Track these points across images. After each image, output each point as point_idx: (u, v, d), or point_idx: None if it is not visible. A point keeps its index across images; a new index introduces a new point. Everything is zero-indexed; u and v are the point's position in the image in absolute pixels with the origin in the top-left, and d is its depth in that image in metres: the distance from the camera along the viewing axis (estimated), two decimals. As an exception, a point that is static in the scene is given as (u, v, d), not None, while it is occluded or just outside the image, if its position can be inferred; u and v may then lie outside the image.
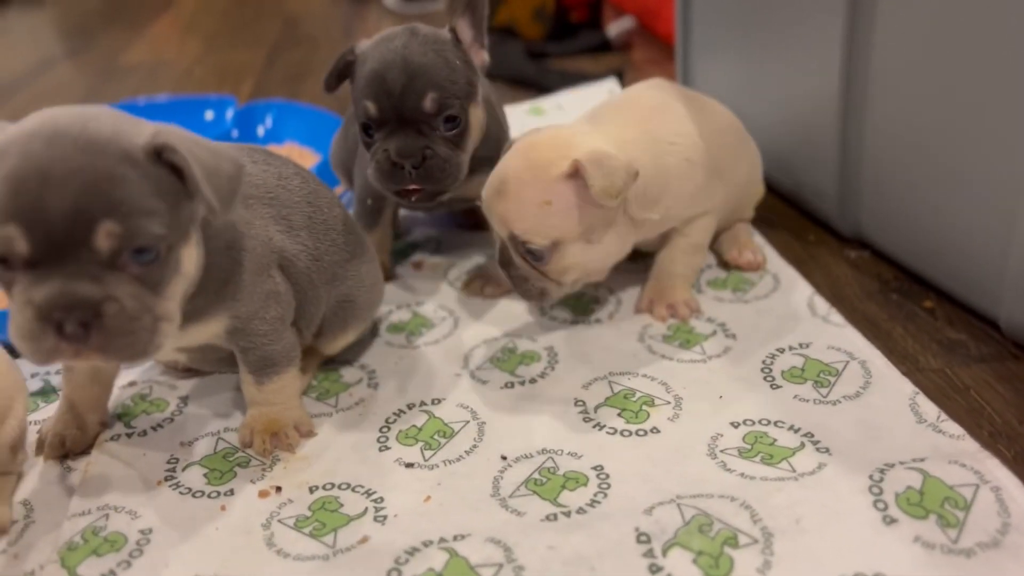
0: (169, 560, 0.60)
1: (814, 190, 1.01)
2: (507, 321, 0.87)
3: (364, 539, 0.61)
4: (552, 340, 0.83)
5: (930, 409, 0.69)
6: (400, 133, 0.80)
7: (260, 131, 1.30)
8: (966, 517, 0.59)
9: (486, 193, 0.77)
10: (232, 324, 0.66)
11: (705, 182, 0.83)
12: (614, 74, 1.53)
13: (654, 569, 0.57)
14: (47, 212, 0.51)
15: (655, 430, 0.70)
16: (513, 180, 0.75)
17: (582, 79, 1.53)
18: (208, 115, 1.32)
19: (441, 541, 0.60)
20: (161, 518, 0.64)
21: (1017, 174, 0.73)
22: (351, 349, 0.82)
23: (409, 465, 0.68)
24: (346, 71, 0.83)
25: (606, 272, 0.82)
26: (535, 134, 0.79)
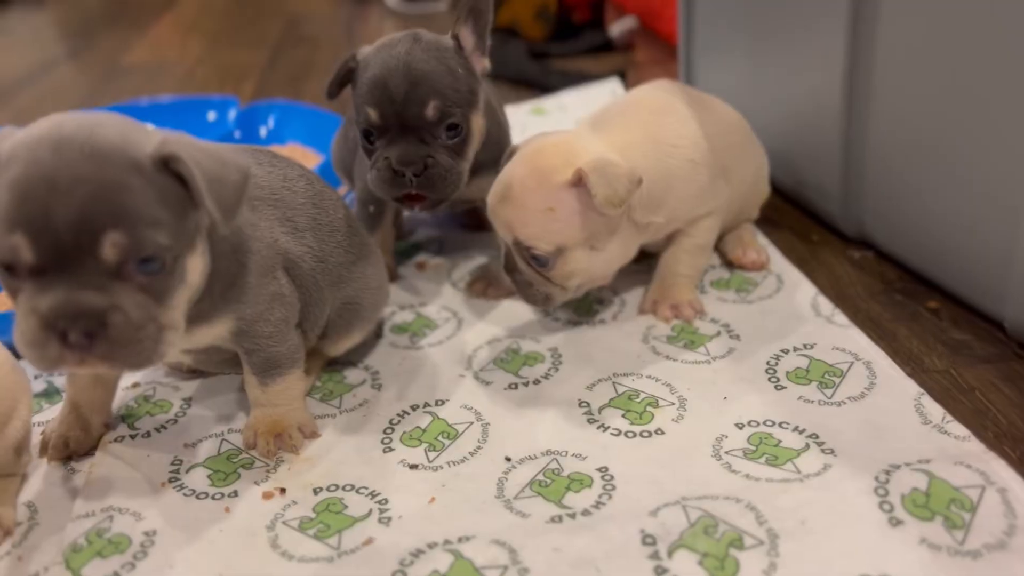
0: (173, 562, 0.60)
1: (817, 190, 1.01)
2: (510, 322, 0.87)
3: (368, 541, 0.61)
4: (556, 341, 0.83)
5: (935, 410, 0.69)
6: (402, 141, 0.79)
7: (263, 132, 1.30)
8: (972, 519, 0.58)
9: (491, 199, 0.78)
10: (237, 326, 0.66)
11: (710, 183, 0.83)
12: (616, 74, 1.53)
13: (660, 571, 0.56)
14: (53, 221, 0.51)
15: (659, 431, 0.70)
16: (517, 186, 0.75)
17: (584, 79, 1.53)
18: (211, 116, 1.32)
19: (446, 543, 0.60)
20: (165, 520, 0.64)
21: (1021, 173, 0.73)
22: (355, 350, 0.82)
23: (413, 466, 0.68)
24: (348, 77, 0.83)
25: (611, 277, 0.82)
26: (539, 140, 0.79)
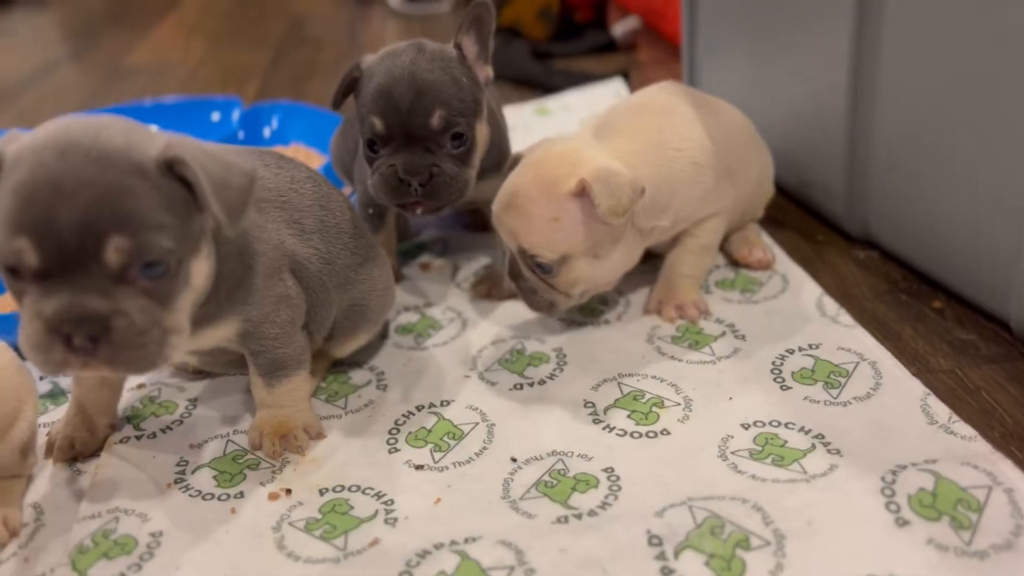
0: (180, 563, 0.60)
1: (822, 190, 1.00)
2: (515, 322, 0.87)
3: (375, 541, 0.61)
4: (560, 341, 0.83)
5: (941, 410, 0.69)
6: (407, 150, 0.79)
7: (266, 132, 1.30)
8: (979, 519, 0.58)
9: (496, 207, 0.78)
10: (243, 327, 0.66)
11: (714, 184, 0.83)
12: (620, 74, 1.53)
13: (666, 572, 0.56)
14: (57, 225, 0.51)
15: (665, 432, 0.70)
16: (522, 196, 0.76)
17: (587, 79, 1.53)
18: (214, 116, 1.32)
19: (452, 543, 0.60)
20: (171, 521, 0.64)
21: (1028, 174, 0.73)
22: (360, 351, 0.81)
23: (419, 467, 0.68)
24: (351, 87, 0.83)
25: (615, 283, 0.82)
26: (543, 149, 0.79)
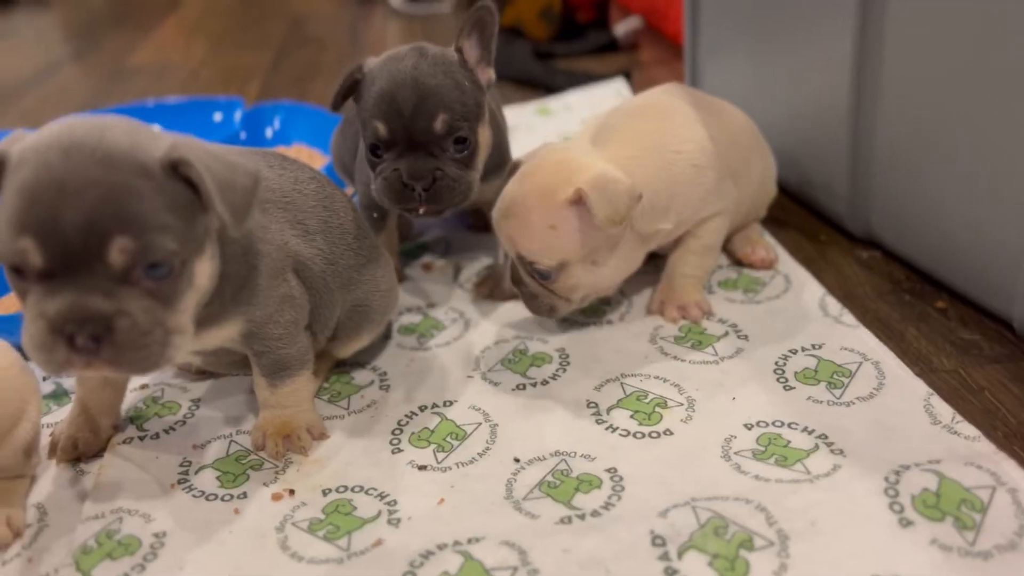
0: (183, 563, 0.60)
1: (825, 190, 1.00)
2: (518, 323, 0.87)
3: (378, 542, 0.61)
4: (563, 342, 0.83)
5: (944, 410, 0.69)
6: (410, 154, 0.79)
7: (268, 133, 1.30)
8: (983, 519, 0.58)
9: (495, 214, 0.79)
10: (247, 328, 0.66)
11: (715, 185, 0.83)
12: (622, 74, 1.53)
13: (670, 572, 0.56)
14: (61, 225, 0.51)
15: (668, 432, 0.70)
16: (520, 204, 0.76)
17: (589, 79, 1.53)
18: (217, 117, 1.33)
19: (455, 544, 0.60)
20: (175, 521, 0.64)
21: (1031, 174, 0.73)
22: (363, 351, 0.81)
23: (422, 467, 0.68)
24: (352, 89, 0.83)
25: (616, 288, 0.83)
26: (541, 156, 0.80)
